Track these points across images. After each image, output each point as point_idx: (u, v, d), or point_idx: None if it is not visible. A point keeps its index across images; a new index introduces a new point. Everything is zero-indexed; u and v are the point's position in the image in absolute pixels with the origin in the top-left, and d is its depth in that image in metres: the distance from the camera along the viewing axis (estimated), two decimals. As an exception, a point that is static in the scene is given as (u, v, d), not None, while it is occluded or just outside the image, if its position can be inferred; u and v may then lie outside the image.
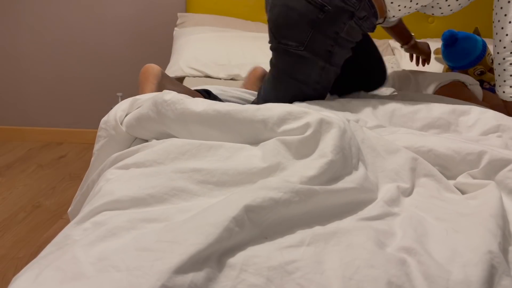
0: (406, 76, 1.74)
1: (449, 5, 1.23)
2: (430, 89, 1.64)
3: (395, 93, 1.68)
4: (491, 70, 1.66)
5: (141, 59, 2.54)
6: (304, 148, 0.73)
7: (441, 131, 1.04)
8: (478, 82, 1.59)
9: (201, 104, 0.82)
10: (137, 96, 0.96)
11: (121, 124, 0.91)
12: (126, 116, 0.94)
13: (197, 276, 0.46)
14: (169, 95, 0.84)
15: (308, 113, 0.77)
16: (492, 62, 1.48)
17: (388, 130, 0.99)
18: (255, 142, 0.80)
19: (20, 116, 2.63)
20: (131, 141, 0.92)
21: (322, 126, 0.74)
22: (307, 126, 0.75)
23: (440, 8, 1.25)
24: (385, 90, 1.69)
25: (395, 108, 1.10)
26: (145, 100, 0.94)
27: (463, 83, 1.58)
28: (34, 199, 1.88)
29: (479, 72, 1.61)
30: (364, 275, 0.48)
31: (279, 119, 0.78)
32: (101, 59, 2.55)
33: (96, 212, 0.60)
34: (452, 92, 1.53)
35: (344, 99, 1.22)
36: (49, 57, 2.54)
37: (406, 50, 1.66)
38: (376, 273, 0.49)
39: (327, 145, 0.71)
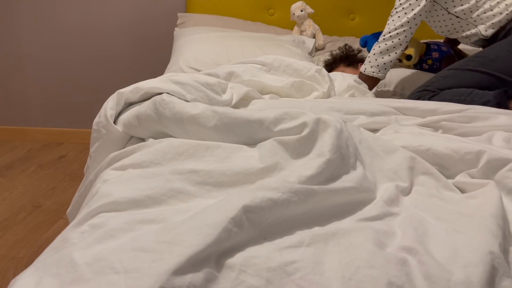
0: (410, 79, 1.74)
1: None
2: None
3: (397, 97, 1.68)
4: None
5: (141, 59, 2.54)
6: (301, 147, 0.73)
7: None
8: None
9: (200, 106, 0.82)
10: (120, 90, 0.95)
11: (114, 122, 0.91)
12: (119, 113, 0.93)
13: (196, 277, 0.45)
14: (167, 96, 0.84)
15: (304, 113, 0.77)
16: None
17: (393, 128, 0.99)
18: (251, 142, 0.80)
19: (21, 116, 2.63)
20: (126, 139, 0.92)
21: (319, 125, 0.74)
22: (303, 125, 0.75)
23: None
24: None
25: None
26: (130, 91, 0.94)
27: None
28: (34, 199, 1.88)
29: (399, 60, 1.87)
30: (364, 275, 0.48)
31: (275, 118, 0.78)
32: (101, 59, 2.55)
33: (93, 214, 0.60)
34: None
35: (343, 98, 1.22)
36: (49, 57, 2.54)
37: None
38: (376, 273, 0.48)
39: (325, 144, 0.71)
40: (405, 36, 1.56)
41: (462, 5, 1.57)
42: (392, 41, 1.57)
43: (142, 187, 0.63)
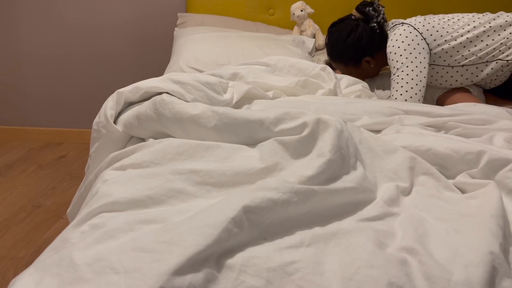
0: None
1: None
2: (435, 94, 1.64)
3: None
4: None
5: (141, 59, 2.54)
6: (301, 147, 0.73)
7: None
8: (481, 89, 1.60)
9: (200, 106, 0.82)
10: (120, 90, 0.95)
11: (114, 122, 0.91)
12: (119, 113, 0.93)
13: (196, 277, 0.45)
14: (167, 96, 0.84)
15: (305, 113, 0.77)
16: None
17: (394, 128, 0.99)
18: (251, 142, 0.79)
19: (20, 116, 2.63)
20: (126, 139, 0.92)
21: (319, 125, 0.74)
22: (304, 125, 0.75)
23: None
24: (383, 94, 1.69)
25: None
26: (129, 91, 0.94)
27: (467, 89, 1.59)
28: (34, 199, 1.88)
29: None
30: (364, 275, 0.48)
31: (276, 119, 0.78)
32: (101, 59, 2.55)
33: (93, 214, 0.60)
34: (457, 97, 1.53)
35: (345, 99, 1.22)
36: (49, 57, 2.54)
37: None
38: (377, 273, 0.48)
39: (325, 144, 0.71)
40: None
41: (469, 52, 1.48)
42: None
43: (142, 187, 0.63)
